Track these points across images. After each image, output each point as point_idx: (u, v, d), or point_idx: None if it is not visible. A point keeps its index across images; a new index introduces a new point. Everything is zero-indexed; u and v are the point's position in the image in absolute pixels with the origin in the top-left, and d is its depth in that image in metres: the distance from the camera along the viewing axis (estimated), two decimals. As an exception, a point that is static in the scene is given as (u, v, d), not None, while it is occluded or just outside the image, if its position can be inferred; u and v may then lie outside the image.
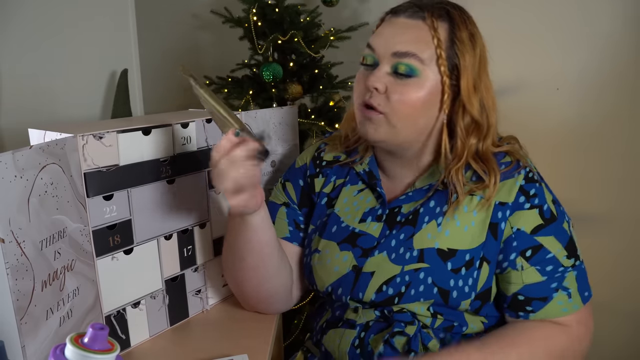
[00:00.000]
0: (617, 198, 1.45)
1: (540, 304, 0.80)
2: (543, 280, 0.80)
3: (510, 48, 1.43)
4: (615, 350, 1.52)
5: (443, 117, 0.83)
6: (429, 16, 0.80)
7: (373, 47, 0.83)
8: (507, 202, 0.81)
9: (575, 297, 0.81)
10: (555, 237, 0.81)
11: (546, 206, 0.82)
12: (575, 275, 0.82)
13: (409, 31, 0.81)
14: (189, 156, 0.90)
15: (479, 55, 0.83)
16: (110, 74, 1.44)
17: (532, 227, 0.81)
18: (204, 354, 0.84)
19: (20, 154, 0.62)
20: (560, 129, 1.46)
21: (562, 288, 0.80)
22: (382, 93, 0.81)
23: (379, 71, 0.81)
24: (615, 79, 1.40)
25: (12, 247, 0.61)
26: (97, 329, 0.46)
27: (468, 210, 0.82)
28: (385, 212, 0.88)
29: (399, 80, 0.80)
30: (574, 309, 0.81)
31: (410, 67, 0.79)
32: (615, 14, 1.37)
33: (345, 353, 0.86)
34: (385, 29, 0.84)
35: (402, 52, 0.80)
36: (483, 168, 0.82)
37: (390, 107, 0.80)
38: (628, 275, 1.46)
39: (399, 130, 0.82)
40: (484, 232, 0.81)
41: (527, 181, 0.82)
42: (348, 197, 0.93)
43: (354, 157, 0.94)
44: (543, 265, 0.81)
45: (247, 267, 0.87)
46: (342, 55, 1.48)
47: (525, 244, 0.81)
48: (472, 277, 0.80)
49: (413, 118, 0.81)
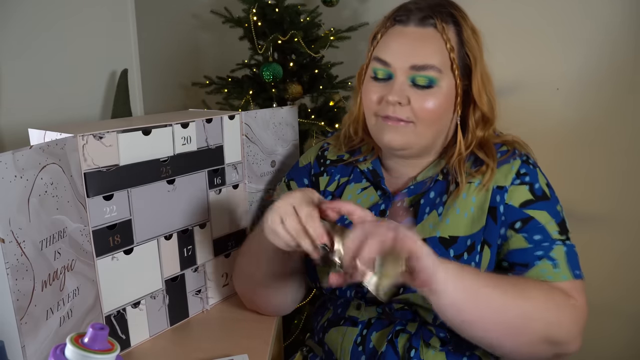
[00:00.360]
0: (620, 197, 1.44)
1: (522, 270, 0.78)
2: (528, 247, 0.79)
3: (510, 46, 1.43)
4: (617, 352, 1.51)
5: (457, 118, 0.86)
6: (439, 22, 0.81)
7: (387, 61, 0.82)
8: (504, 185, 0.82)
9: (564, 268, 0.78)
10: (547, 212, 0.81)
11: (538, 185, 0.82)
12: (565, 250, 0.79)
13: (424, 42, 0.81)
14: (189, 156, 0.90)
15: (480, 47, 0.85)
16: (110, 74, 1.44)
17: (521, 201, 0.81)
18: (204, 354, 0.84)
19: (20, 154, 0.62)
20: (561, 128, 1.46)
21: (547, 257, 0.78)
22: (405, 105, 0.81)
23: (397, 85, 0.81)
24: (615, 76, 1.39)
25: (12, 247, 0.61)
26: (97, 329, 0.45)
27: (467, 197, 0.83)
28: (388, 206, 0.89)
29: (419, 90, 0.81)
30: (561, 278, 0.77)
31: (430, 79, 0.80)
32: (614, 10, 1.37)
33: (347, 351, 0.86)
34: (395, 41, 0.83)
35: (420, 66, 0.80)
36: (485, 154, 0.85)
37: (416, 116, 0.82)
38: (631, 276, 1.46)
39: (424, 137, 0.84)
40: (483, 217, 0.82)
41: (522, 164, 0.84)
42: (352, 194, 0.93)
43: (357, 156, 0.95)
44: (531, 234, 0.80)
45: (264, 274, 0.89)
46: (342, 55, 1.48)
47: (514, 216, 0.81)
48: (475, 261, 0.81)
49: (436, 123, 0.84)
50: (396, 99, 0.80)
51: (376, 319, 0.86)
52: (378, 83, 0.84)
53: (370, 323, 0.86)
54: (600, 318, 1.50)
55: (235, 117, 0.98)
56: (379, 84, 0.84)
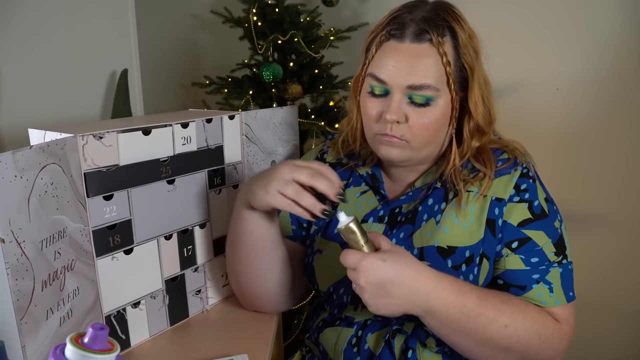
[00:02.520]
0: (619, 198, 1.44)
1: (518, 292, 0.79)
2: (525, 269, 0.79)
3: (510, 47, 1.43)
4: (617, 351, 1.52)
5: (452, 131, 0.85)
6: (435, 37, 0.78)
7: (383, 80, 0.80)
8: (503, 198, 0.82)
9: (558, 293, 0.79)
10: (544, 233, 0.80)
11: (537, 202, 0.82)
12: (561, 272, 0.80)
13: (420, 60, 0.79)
14: (189, 156, 0.90)
15: (478, 52, 0.83)
16: (110, 74, 1.44)
17: (519, 220, 0.81)
18: (204, 354, 0.84)
19: (20, 154, 0.62)
20: (561, 128, 1.46)
21: (544, 281, 0.79)
22: (402, 123, 0.81)
23: (395, 103, 0.80)
24: (615, 76, 1.39)
25: (12, 247, 0.61)
26: (97, 329, 0.45)
27: (466, 207, 0.83)
28: (387, 212, 0.88)
29: (417, 108, 0.80)
30: (554, 303, 0.79)
31: (427, 98, 0.80)
32: (615, 10, 1.36)
33: (341, 351, 0.86)
34: (390, 58, 0.80)
35: (417, 86, 0.79)
36: (481, 161, 0.84)
37: (411, 134, 0.81)
38: (630, 276, 1.46)
39: (420, 151, 0.84)
40: (481, 229, 0.81)
41: (521, 176, 0.83)
42: (351, 198, 0.93)
43: (356, 160, 0.95)
44: (528, 256, 0.80)
45: (240, 258, 0.88)
46: (342, 55, 1.49)
47: (511, 236, 0.81)
48: (473, 273, 0.81)
49: (432, 139, 0.83)
50: (394, 117, 0.79)
51: (372, 320, 0.86)
52: (375, 99, 0.83)
53: (366, 324, 0.86)
54: (600, 317, 1.51)
55: (235, 117, 0.98)
56: (376, 99, 0.83)
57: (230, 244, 0.89)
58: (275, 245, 0.87)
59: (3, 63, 1.23)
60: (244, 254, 0.87)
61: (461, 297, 0.71)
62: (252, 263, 0.87)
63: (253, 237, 0.84)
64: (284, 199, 0.74)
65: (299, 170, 0.74)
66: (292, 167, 0.75)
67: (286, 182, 0.73)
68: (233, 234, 0.87)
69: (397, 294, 0.68)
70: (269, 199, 0.75)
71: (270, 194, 0.75)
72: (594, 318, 1.50)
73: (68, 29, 1.34)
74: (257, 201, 0.77)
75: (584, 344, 1.43)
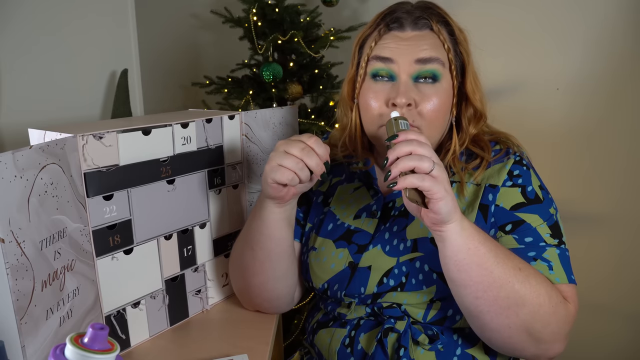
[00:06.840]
0: (619, 198, 1.45)
1: None
2: (519, 247, 0.78)
3: (510, 47, 1.43)
4: (616, 352, 1.52)
5: (452, 118, 0.86)
6: (434, 24, 0.81)
7: (390, 58, 0.80)
8: (496, 184, 0.82)
9: (558, 271, 0.76)
10: (539, 215, 0.80)
11: (530, 188, 0.82)
12: (558, 253, 0.77)
13: (425, 40, 0.81)
14: (189, 156, 0.90)
15: (467, 41, 0.86)
16: (110, 74, 1.44)
17: (512, 204, 0.80)
18: (204, 354, 0.84)
19: (20, 154, 0.62)
20: (561, 127, 1.46)
21: (541, 259, 0.77)
22: (413, 108, 0.80)
23: (403, 85, 0.80)
24: (615, 76, 1.40)
25: (12, 247, 0.61)
26: (97, 329, 0.45)
27: (459, 197, 0.83)
28: (380, 207, 0.88)
29: (423, 89, 0.80)
30: (555, 280, 0.76)
31: (434, 73, 0.80)
32: (613, 10, 1.37)
33: (334, 352, 0.86)
34: (394, 43, 0.81)
35: (426, 58, 0.79)
36: (477, 147, 0.85)
37: (422, 119, 0.81)
38: (630, 277, 1.46)
39: (429, 138, 0.82)
40: (472, 214, 0.82)
41: (514, 163, 0.83)
42: (344, 195, 0.93)
43: (351, 159, 0.95)
44: (522, 236, 0.78)
45: (258, 260, 0.87)
46: (342, 55, 1.49)
47: (505, 219, 0.80)
48: None
49: (439, 123, 0.83)
50: (404, 100, 0.79)
51: (365, 320, 0.86)
52: (379, 86, 0.82)
53: (359, 324, 0.86)
54: (600, 317, 1.51)
55: (235, 117, 0.98)
56: (380, 87, 0.82)
57: (246, 244, 0.88)
58: (292, 249, 0.89)
59: (3, 63, 1.23)
60: (263, 256, 0.86)
61: (483, 232, 0.72)
62: (271, 266, 0.87)
63: (275, 241, 0.85)
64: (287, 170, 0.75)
65: (292, 144, 0.75)
66: (287, 141, 0.76)
67: (283, 154, 0.75)
68: (252, 234, 0.86)
69: (450, 192, 0.68)
70: (273, 174, 0.75)
71: (272, 168, 0.75)
72: (594, 318, 1.50)
73: (68, 29, 1.34)
74: (265, 180, 0.77)
75: (584, 344, 1.44)
